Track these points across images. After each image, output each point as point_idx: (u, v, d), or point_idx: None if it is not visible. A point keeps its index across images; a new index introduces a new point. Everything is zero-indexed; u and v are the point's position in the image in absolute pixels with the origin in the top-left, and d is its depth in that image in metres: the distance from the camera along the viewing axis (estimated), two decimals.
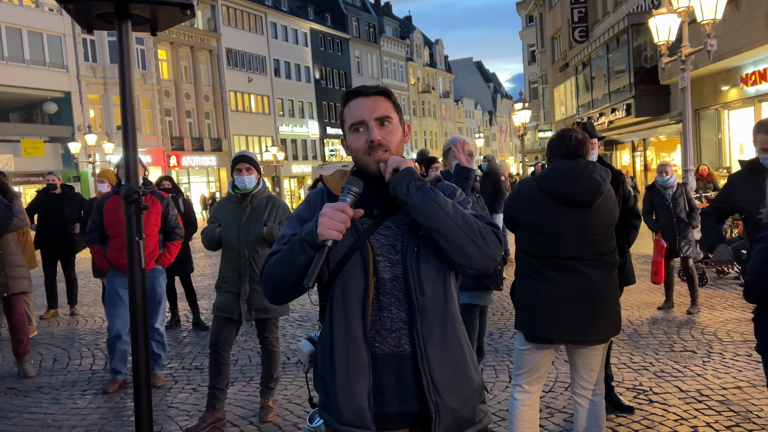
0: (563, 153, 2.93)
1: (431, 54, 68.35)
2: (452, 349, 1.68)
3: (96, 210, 4.89)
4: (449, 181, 3.37)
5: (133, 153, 1.87)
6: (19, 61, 26.87)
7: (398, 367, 1.66)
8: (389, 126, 1.70)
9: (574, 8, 25.97)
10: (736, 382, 4.42)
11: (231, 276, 4.04)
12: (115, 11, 1.83)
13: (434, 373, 1.64)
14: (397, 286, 1.67)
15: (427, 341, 1.65)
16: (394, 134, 1.70)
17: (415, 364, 1.65)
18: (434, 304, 1.66)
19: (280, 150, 38.87)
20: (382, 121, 1.69)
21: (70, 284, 8.14)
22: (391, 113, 1.71)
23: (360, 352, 1.64)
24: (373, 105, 1.69)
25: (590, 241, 2.85)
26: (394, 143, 1.70)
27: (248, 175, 4.02)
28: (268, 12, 42.90)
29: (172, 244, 5.04)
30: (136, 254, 1.84)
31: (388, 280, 1.67)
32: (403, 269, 1.66)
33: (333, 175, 1.80)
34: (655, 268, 6.58)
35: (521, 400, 3.06)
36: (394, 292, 1.67)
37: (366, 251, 1.66)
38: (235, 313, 4.02)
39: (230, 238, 4.02)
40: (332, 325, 1.69)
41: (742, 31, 12.22)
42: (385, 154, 1.67)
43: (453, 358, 1.68)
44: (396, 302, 1.67)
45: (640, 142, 21.94)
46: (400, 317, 1.67)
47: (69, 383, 5.17)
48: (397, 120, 1.73)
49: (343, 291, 1.67)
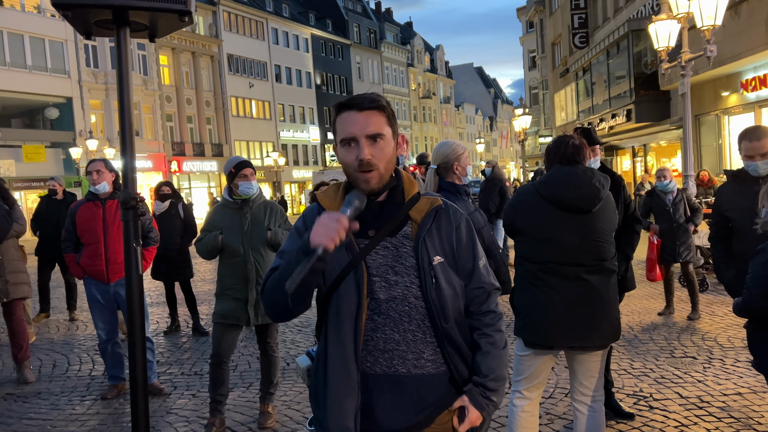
0: (561, 159, 2.93)
1: (432, 60, 68.49)
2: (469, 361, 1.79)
3: (69, 218, 4.79)
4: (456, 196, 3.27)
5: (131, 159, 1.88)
6: (21, 66, 26.96)
7: (390, 387, 1.67)
8: (381, 143, 1.66)
9: (575, 14, 26.04)
10: (737, 388, 4.40)
11: (235, 283, 3.99)
12: (113, 18, 1.84)
13: (488, 375, 1.75)
14: (393, 307, 1.66)
15: (452, 359, 1.72)
16: (385, 151, 1.67)
17: (408, 384, 1.67)
18: (456, 327, 1.73)
19: (281, 155, 38.92)
20: (374, 138, 1.65)
21: (69, 289, 8.14)
22: (383, 129, 1.67)
23: (350, 373, 1.65)
24: (366, 121, 1.64)
25: (590, 247, 2.85)
26: (384, 160, 1.66)
27: (254, 180, 4.01)
28: (270, 18, 43.03)
29: (146, 250, 4.93)
30: (133, 260, 1.84)
31: (384, 301, 1.66)
32: (425, 301, 1.68)
33: (326, 192, 1.78)
34: (649, 265, 6.58)
35: (520, 407, 3.05)
36: (389, 312, 1.66)
37: (360, 271, 1.65)
38: (242, 320, 4.00)
39: (234, 245, 3.97)
40: (326, 343, 1.69)
41: (742, 37, 12.24)
42: (373, 173, 1.64)
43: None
44: (391, 323, 1.67)
45: (640, 147, 21.95)
46: (393, 338, 1.66)
47: (68, 389, 5.16)
48: (389, 134, 1.69)
49: (337, 310, 1.67)
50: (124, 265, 1.88)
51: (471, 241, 1.78)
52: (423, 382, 1.70)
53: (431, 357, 1.70)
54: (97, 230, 4.68)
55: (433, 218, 1.73)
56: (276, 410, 4.32)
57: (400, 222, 1.70)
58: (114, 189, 4.78)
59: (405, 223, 1.71)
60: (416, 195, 1.74)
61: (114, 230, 4.67)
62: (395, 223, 1.69)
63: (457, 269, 1.74)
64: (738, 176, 3.29)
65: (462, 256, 1.76)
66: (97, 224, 4.69)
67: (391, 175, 1.71)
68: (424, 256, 1.67)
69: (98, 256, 4.69)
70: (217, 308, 4.07)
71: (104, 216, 4.70)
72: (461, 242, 1.76)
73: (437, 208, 1.74)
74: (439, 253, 1.70)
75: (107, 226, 4.69)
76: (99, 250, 4.68)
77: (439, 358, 1.71)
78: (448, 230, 1.74)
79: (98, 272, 4.71)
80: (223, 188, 21.56)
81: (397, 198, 1.72)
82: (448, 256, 1.73)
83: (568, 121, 28.53)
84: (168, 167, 33.44)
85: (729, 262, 3.31)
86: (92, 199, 4.76)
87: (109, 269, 4.69)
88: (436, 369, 1.71)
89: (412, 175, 1.89)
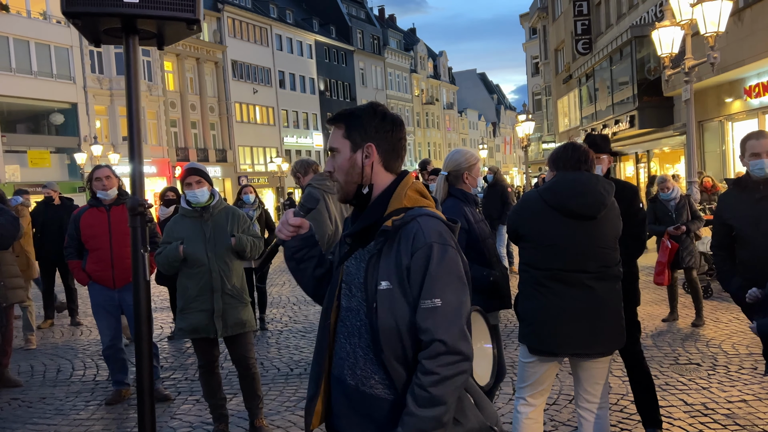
0: (566, 165, 2.94)
1: (435, 66, 68.60)
2: None
3: (72, 224, 4.78)
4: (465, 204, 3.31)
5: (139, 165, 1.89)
6: (27, 72, 27.09)
7: (343, 393, 1.71)
8: (336, 156, 1.74)
9: (578, 20, 26.06)
10: (742, 395, 4.39)
11: (199, 294, 3.82)
12: (122, 26, 1.85)
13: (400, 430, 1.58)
14: (349, 318, 1.70)
15: (400, 391, 1.62)
16: (339, 164, 1.74)
17: (357, 399, 1.68)
18: (395, 362, 1.60)
19: (285, 161, 38.97)
20: (332, 151, 1.76)
21: (69, 294, 8.16)
22: (337, 143, 1.74)
23: (321, 370, 1.75)
24: (331, 136, 1.77)
25: (594, 254, 2.85)
26: (341, 173, 1.73)
27: (199, 188, 3.83)
28: (274, 24, 43.19)
29: (150, 255, 4.94)
30: (141, 266, 1.85)
31: (345, 309, 1.71)
32: (369, 322, 1.62)
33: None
34: (659, 268, 6.53)
35: (525, 413, 3.04)
36: (346, 321, 1.71)
37: (338, 276, 1.74)
38: (210, 332, 3.83)
39: (198, 254, 3.80)
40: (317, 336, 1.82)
41: (745, 43, 12.24)
42: (336, 185, 1.77)
43: None
44: (345, 332, 1.71)
45: (643, 153, 21.92)
46: (345, 348, 1.70)
47: (72, 394, 5.17)
48: (346, 147, 1.72)
49: (324, 308, 1.80)
50: (132, 272, 1.89)
51: (424, 274, 1.56)
52: (372, 402, 1.63)
53: (381, 380, 1.62)
54: (103, 236, 4.70)
55: (390, 237, 1.60)
56: (279, 416, 4.31)
57: (373, 234, 1.66)
58: (119, 195, 4.80)
59: (379, 237, 1.63)
60: (396, 210, 1.65)
61: (120, 236, 4.68)
62: (362, 233, 1.70)
63: (408, 299, 1.58)
64: (739, 184, 3.29)
65: (409, 286, 1.58)
66: (103, 230, 4.70)
67: (357, 185, 1.72)
68: (372, 276, 1.61)
69: (104, 261, 4.70)
70: (182, 324, 3.88)
71: (110, 222, 4.72)
72: (412, 271, 1.57)
73: (399, 227, 1.60)
74: (387, 277, 1.58)
75: (113, 231, 4.70)
76: (105, 255, 4.70)
77: (392, 384, 1.61)
78: (403, 254, 1.58)
79: (105, 278, 4.72)
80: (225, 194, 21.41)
81: (375, 210, 1.70)
82: (399, 283, 1.58)
83: (571, 127, 28.51)
84: (172, 173, 33.52)
85: (732, 270, 3.29)
86: (96, 205, 4.77)
87: (116, 275, 4.70)
88: (385, 394, 1.62)
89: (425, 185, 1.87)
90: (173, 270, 3.89)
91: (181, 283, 3.92)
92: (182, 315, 3.90)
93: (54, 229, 7.70)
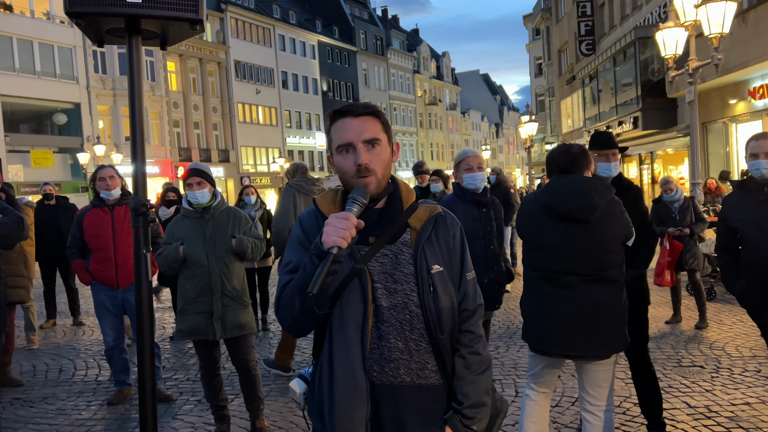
0: (559, 168, 2.95)
1: (438, 66, 68.60)
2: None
3: (75, 224, 4.78)
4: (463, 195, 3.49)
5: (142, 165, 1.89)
6: (30, 72, 27.16)
7: (395, 397, 1.65)
8: (378, 148, 1.66)
9: (581, 21, 26.05)
10: (745, 398, 4.37)
11: (199, 295, 3.81)
12: (125, 27, 1.85)
13: (463, 402, 1.69)
14: (395, 315, 1.65)
15: (449, 373, 1.71)
16: (382, 156, 1.66)
17: (413, 395, 1.66)
18: (451, 339, 1.71)
19: (288, 161, 39.01)
20: (372, 143, 1.65)
21: (70, 294, 8.17)
22: (379, 135, 1.67)
23: (358, 381, 1.62)
24: (362, 126, 1.64)
25: (588, 257, 2.83)
26: (381, 166, 1.66)
27: (200, 189, 3.81)
28: (277, 25, 43.23)
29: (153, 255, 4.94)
30: (143, 267, 1.85)
31: (386, 308, 1.65)
32: (422, 309, 1.66)
33: (325, 197, 1.76)
34: (658, 269, 6.52)
35: (530, 397, 3.16)
36: (391, 320, 1.65)
37: (365, 277, 1.63)
38: (209, 334, 3.82)
39: (197, 255, 3.80)
40: (331, 351, 1.66)
41: (749, 44, 12.22)
42: (371, 178, 1.64)
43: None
44: (394, 331, 1.65)
45: (647, 155, 21.90)
46: (397, 347, 1.65)
47: (74, 394, 5.18)
48: (385, 141, 1.69)
49: (341, 318, 1.64)
50: (134, 272, 1.89)
51: (462, 252, 1.76)
52: (428, 393, 1.68)
53: (435, 368, 1.69)
54: (107, 236, 4.70)
55: (433, 226, 1.72)
56: (281, 417, 4.31)
57: (399, 229, 1.69)
58: (122, 195, 4.80)
59: (404, 231, 1.70)
60: (414, 203, 1.74)
61: (123, 236, 4.68)
62: (394, 229, 1.68)
63: (452, 279, 1.72)
64: (743, 186, 3.29)
65: (453, 265, 1.73)
66: (106, 230, 4.70)
67: (388, 181, 1.71)
68: (422, 264, 1.66)
69: (108, 261, 4.70)
70: (182, 325, 3.88)
71: (113, 222, 4.72)
72: (455, 251, 1.74)
73: (437, 215, 1.73)
74: (438, 261, 1.69)
75: (116, 231, 4.70)
76: (108, 255, 4.70)
77: (443, 368, 1.70)
78: (446, 238, 1.73)
79: (108, 278, 4.72)
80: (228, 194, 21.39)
81: (396, 205, 1.71)
82: (447, 265, 1.71)
83: (575, 128, 28.50)
84: (174, 173, 33.56)
85: (737, 272, 3.29)
86: (99, 205, 4.77)
87: (119, 275, 4.71)
88: (439, 380, 1.70)
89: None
90: (174, 271, 3.89)
91: (181, 284, 3.91)
92: (181, 316, 3.90)
93: (52, 228, 7.71)
